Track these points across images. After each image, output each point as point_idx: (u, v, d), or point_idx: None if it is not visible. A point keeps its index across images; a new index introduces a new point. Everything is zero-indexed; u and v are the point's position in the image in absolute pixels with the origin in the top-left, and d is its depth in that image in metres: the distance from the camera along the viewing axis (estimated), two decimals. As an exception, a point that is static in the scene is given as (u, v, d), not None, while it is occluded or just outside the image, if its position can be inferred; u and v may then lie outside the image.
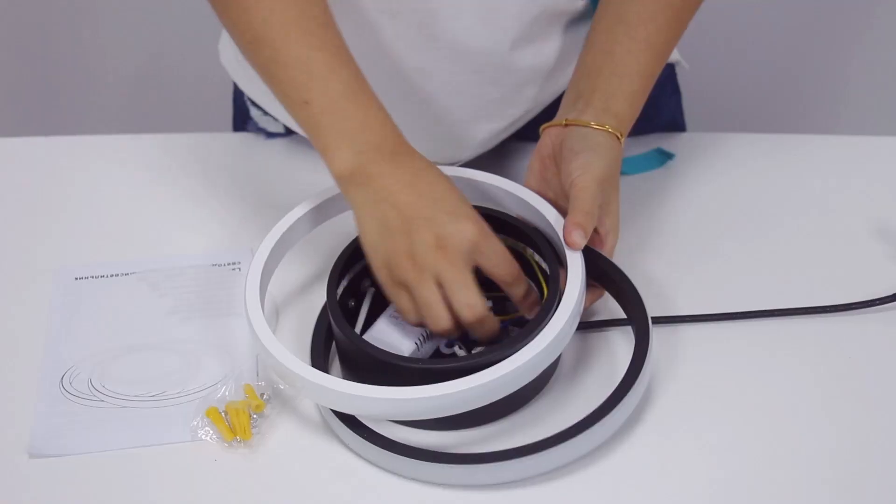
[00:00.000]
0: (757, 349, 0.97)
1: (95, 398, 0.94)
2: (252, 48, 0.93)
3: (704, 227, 1.10)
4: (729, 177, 1.16)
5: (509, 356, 0.87)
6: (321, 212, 0.99)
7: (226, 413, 0.91)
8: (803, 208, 1.12)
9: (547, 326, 0.88)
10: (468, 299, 0.88)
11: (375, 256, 0.90)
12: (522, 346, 0.87)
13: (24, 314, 1.03)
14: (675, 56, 1.21)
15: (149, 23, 1.95)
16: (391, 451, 0.86)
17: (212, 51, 1.24)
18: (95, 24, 1.97)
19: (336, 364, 0.97)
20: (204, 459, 0.89)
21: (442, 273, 0.88)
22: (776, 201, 1.13)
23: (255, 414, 0.91)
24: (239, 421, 0.90)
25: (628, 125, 1.00)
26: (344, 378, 0.88)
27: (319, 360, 0.94)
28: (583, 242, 0.93)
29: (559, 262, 0.95)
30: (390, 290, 0.90)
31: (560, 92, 1.13)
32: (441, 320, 0.88)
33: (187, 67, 1.93)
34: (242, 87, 1.23)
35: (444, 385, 0.85)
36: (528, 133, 1.16)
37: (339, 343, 0.94)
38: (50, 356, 0.98)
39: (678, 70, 1.24)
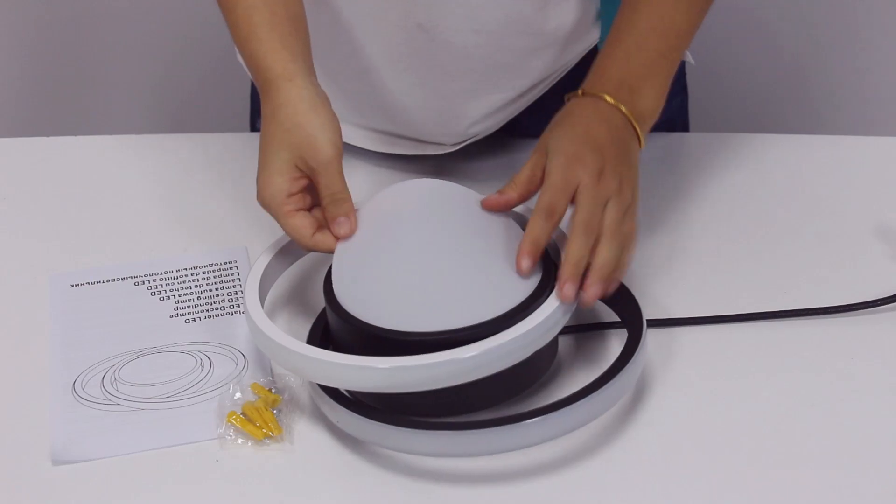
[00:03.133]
0: (756, 352, 0.97)
1: (111, 402, 0.94)
2: None
3: (702, 227, 1.10)
4: (727, 177, 1.16)
5: (497, 332, 0.87)
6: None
7: (245, 414, 0.91)
8: (803, 208, 1.12)
9: (545, 304, 0.89)
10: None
11: None
12: (515, 322, 0.88)
13: (22, 321, 1.03)
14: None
15: (151, 22, 1.96)
16: (380, 422, 0.87)
17: (211, 55, 1.25)
18: (99, 22, 1.97)
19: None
20: (236, 457, 0.89)
21: None
22: (775, 201, 1.13)
23: (274, 409, 0.92)
24: (263, 419, 0.90)
25: (628, 90, 0.98)
26: None
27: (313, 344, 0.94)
28: (529, 266, 0.90)
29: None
30: None
31: (573, 63, 1.13)
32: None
33: (189, 70, 1.94)
34: None
35: (428, 356, 0.85)
36: (531, 126, 1.16)
37: (333, 325, 0.94)
38: (57, 364, 0.97)
39: (686, 68, 1.23)
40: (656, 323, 0.98)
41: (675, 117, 1.26)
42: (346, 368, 0.87)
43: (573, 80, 1.10)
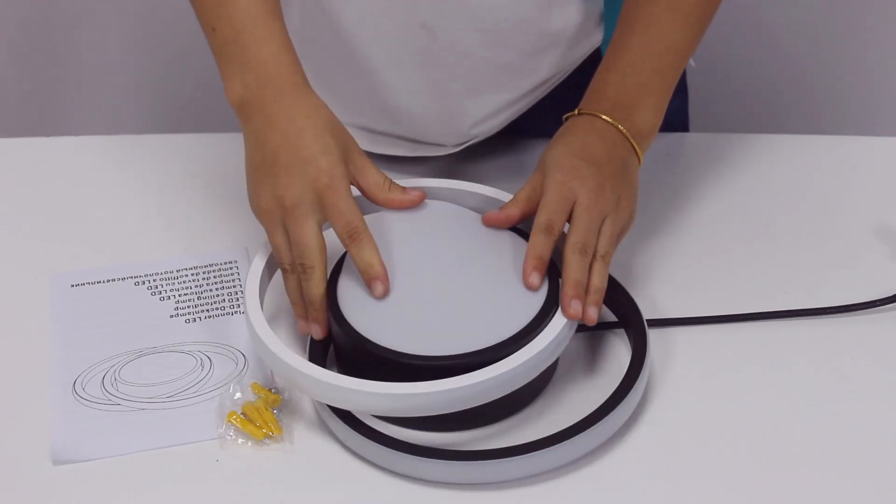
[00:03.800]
0: (756, 352, 0.97)
1: (111, 402, 0.94)
2: None
3: (702, 227, 1.10)
4: (726, 177, 1.16)
5: (507, 355, 0.87)
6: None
7: (245, 414, 0.91)
8: (803, 208, 1.13)
9: (549, 325, 0.89)
10: (304, 258, 0.91)
11: (248, 190, 0.95)
12: (524, 345, 0.88)
13: (23, 321, 1.03)
14: None
15: (151, 22, 1.96)
16: (390, 448, 0.87)
17: (211, 54, 1.24)
18: (99, 22, 1.97)
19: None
20: (236, 457, 0.89)
21: (287, 225, 0.91)
22: (776, 201, 1.13)
23: (274, 409, 0.92)
24: (263, 419, 0.90)
25: (624, 109, 0.99)
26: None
27: (317, 360, 0.94)
28: (538, 280, 0.91)
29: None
30: (263, 225, 0.94)
31: (575, 65, 1.13)
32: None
33: (189, 70, 1.94)
34: None
35: (438, 383, 0.86)
36: (532, 129, 1.16)
37: (336, 339, 0.94)
38: (58, 363, 0.97)
39: (686, 68, 1.24)
40: (655, 323, 0.98)
41: (674, 117, 1.26)
42: (358, 394, 0.87)
43: (576, 81, 1.10)
